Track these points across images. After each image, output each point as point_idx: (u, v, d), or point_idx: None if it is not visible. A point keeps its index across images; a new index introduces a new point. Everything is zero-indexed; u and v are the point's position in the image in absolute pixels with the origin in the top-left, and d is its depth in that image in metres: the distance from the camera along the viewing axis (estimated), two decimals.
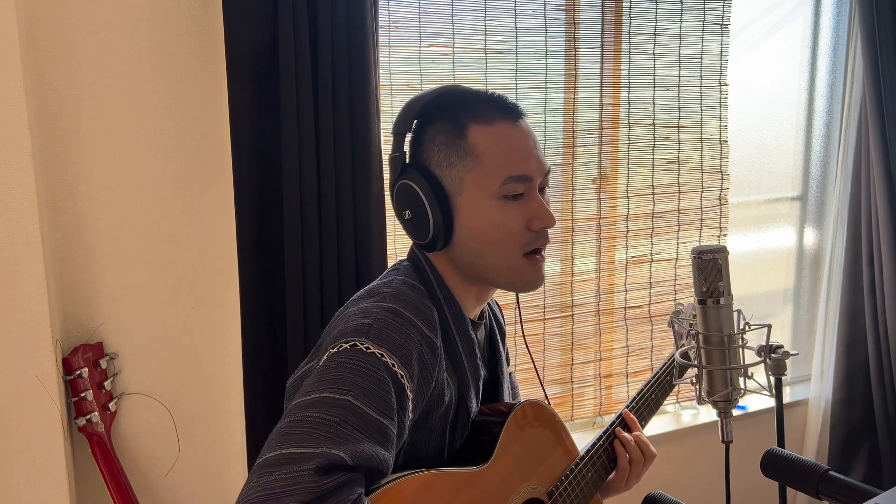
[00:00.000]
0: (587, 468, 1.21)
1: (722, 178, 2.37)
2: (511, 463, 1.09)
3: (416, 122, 1.08)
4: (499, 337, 1.23)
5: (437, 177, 1.04)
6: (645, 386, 1.38)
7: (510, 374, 1.34)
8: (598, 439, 1.26)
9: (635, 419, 1.31)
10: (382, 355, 0.92)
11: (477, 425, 1.11)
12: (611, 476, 1.27)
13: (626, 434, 1.27)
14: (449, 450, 1.08)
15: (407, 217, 1.06)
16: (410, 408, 0.95)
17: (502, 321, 1.29)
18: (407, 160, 1.08)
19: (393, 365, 0.92)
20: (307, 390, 0.89)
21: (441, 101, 1.06)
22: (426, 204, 1.03)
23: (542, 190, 1.07)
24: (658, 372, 1.41)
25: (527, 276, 1.06)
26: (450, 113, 1.05)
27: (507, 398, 1.22)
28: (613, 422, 1.30)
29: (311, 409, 0.86)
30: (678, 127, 2.28)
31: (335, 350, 0.93)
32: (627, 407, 1.33)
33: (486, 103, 1.05)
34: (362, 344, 0.92)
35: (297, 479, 0.79)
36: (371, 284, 1.08)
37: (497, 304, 1.31)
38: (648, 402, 1.37)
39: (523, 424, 1.14)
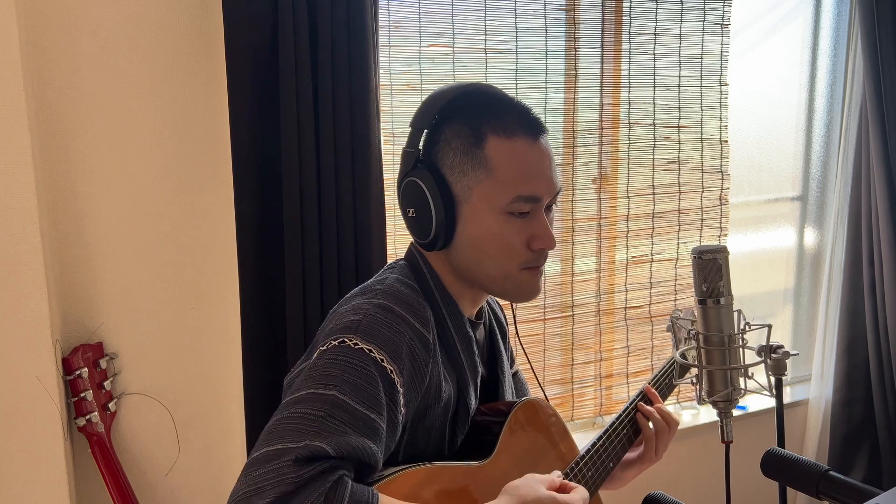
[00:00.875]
0: (587, 467, 1.21)
1: (722, 178, 2.37)
2: (511, 460, 1.10)
3: (435, 119, 1.07)
4: (499, 337, 1.23)
5: (447, 181, 1.04)
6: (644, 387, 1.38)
7: (517, 371, 1.35)
8: (599, 438, 1.26)
9: (656, 393, 1.34)
10: (371, 351, 0.93)
11: (477, 424, 1.11)
12: (639, 451, 1.30)
13: (647, 406, 1.31)
14: (449, 448, 1.08)
15: (411, 214, 1.07)
16: (402, 402, 0.95)
17: (504, 321, 1.29)
18: (420, 157, 1.07)
19: (382, 360, 0.93)
20: (296, 388, 0.91)
21: (464, 101, 1.05)
22: (432, 206, 1.03)
23: (548, 208, 1.07)
24: (658, 374, 1.41)
25: (523, 287, 1.07)
26: (471, 118, 1.04)
27: (509, 397, 1.22)
28: (629, 404, 1.32)
29: (297, 405, 0.88)
30: (678, 127, 2.28)
31: (324, 347, 0.94)
32: (635, 401, 1.33)
33: (510, 114, 1.04)
34: (350, 340, 0.93)
35: (279, 472, 0.82)
36: (366, 282, 1.09)
37: (498, 303, 1.31)
38: (647, 401, 1.37)
39: (524, 423, 1.14)
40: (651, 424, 1.30)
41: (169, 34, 1.61)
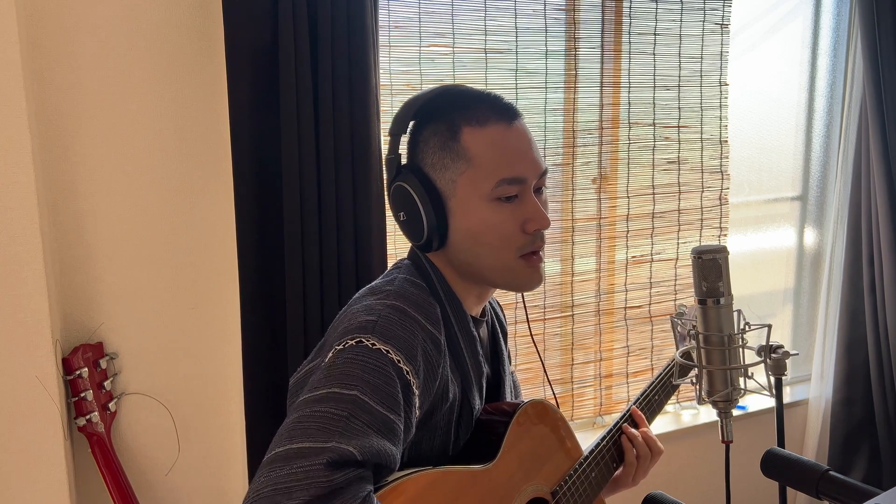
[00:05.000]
0: (591, 468, 1.21)
1: (722, 178, 2.37)
2: (515, 462, 1.09)
3: (412, 123, 1.09)
4: (501, 336, 1.23)
5: (430, 179, 1.04)
6: (648, 386, 1.38)
7: (511, 373, 1.34)
8: (603, 438, 1.26)
9: (643, 416, 1.32)
10: (388, 351, 0.93)
11: (481, 424, 1.11)
12: (618, 472, 1.28)
13: (633, 430, 1.28)
14: (453, 448, 1.08)
15: (402, 218, 1.07)
16: (417, 404, 0.95)
17: (504, 320, 1.29)
18: (403, 161, 1.09)
19: (398, 361, 0.93)
20: (314, 386, 0.90)
21: (437, 102, 1.07)
22: (420, 206, 1.04)
23: (539, 191, 1.07)
24: (661, 373, 1.41)
25: (522, 276, 1.06)
26: (444, 115, 1.05)
27: (509, 397, 1.22)
28: (620, 419, 1.30)
29: (319, 404, 0.87)
30: (678, 127, 2.28)
31: (341, 347, 0.93)
32: (634, 405, 1.33)
33: (481, 105, 1.05)
34: (368, 340, 0.93)
35: (308, 473, 0.80)
36: (374, 282, 1.09)
37: (498, 303, 1.31)
38: (651, 402, 1.37)
39: (528, 424, 1.14)
40: (635, 450, 1.26)
41: (169, 34, 1.61)
